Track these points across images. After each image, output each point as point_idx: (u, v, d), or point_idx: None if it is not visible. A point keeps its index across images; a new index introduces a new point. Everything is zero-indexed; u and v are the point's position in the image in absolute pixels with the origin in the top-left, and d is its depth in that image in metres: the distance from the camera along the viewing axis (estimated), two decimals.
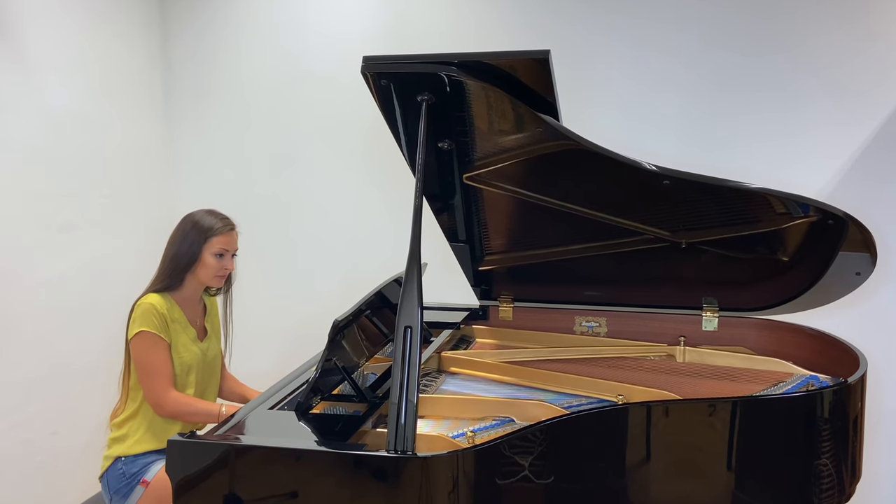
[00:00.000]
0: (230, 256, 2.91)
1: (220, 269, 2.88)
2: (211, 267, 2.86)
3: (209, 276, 2.87)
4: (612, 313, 3.02)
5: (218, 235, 2.86)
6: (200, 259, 2.85)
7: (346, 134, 4.19)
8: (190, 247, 2.85)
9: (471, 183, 2.60)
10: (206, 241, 2.84)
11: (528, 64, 2.18)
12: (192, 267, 2.87)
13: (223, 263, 2.88)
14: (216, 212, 2.94)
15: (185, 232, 2.88)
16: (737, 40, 3.64)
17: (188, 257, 2.85)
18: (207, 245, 2.84)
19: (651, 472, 2.07)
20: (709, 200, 2.46)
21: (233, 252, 2.93)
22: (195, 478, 1.89)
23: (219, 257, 2.87)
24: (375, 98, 2.34)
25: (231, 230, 2.91)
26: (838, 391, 2.16)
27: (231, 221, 2.94)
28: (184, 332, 2.87)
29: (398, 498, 1.80)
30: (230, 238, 2.90)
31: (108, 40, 4.02)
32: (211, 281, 2.90)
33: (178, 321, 2.86)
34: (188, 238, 2.86)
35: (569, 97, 2.71)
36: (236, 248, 2.95)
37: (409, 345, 1.89)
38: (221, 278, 2.92)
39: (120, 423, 2.87)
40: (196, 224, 2.88)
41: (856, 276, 2.50)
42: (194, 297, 2.96)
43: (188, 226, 2.88)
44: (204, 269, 2.86)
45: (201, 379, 2.94)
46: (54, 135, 3.69)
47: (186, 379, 2.87)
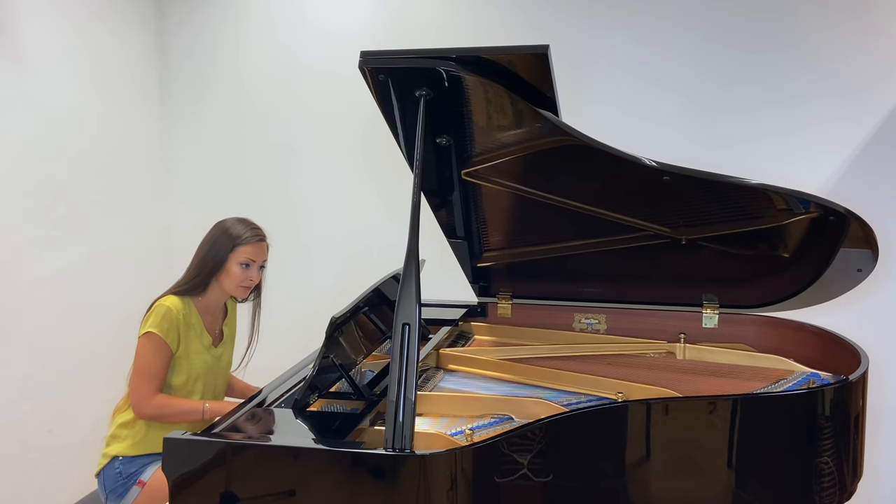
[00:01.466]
0: (257, 268, 2.87)
1: (244, 279, 2.84)
2: (235, 276, 2.82)
3: (233, 285, 2.84)
4: (612, 310, 3.00)
5: (245, 245, 2.82)
6: (225, 267, 2.82)
7: (344, 130, 4.19)
8: (217, 253, 2.82)
9: (469, 179, 2.59)
10: (233, 249, 2.81)
11: (527, 59, 2.17)
12: (218, 274, 2.83)
13: (248, 274, 2.84)
14: (248, 221, 2.91)
15: (214, 237, 2.85)
16: (738, 36, 3.63)
17: (214, 263, 2.82)
18: (234, 253, 2.81)
19: (651, 471, 2.06)
20: (709, 196, 2.45)
21: (260, 263, 2.88)
22: (192, 476, 1.88)
23: (244, 267, 2.82)
24: (373, 93, 2.32)
25: (260, 241, 2.87)
26: (839, 389, 2.15)
27: (262, 232, 2.90)
28: (198, 338, 2.84)
29: (396, 496, 1.78)
30: (258, 249, 2.86)
31: (103, 36, 4.01)
32: (235, 291, 2.86)
33: (195, 327, 2.83)
34: (217, 244, 2.83)
35: (568, 93, 2.70)
36: (265, 259, 2.91)
37: (407, 342, 1.88)
38: (246, 289, 2.88)
39: (124, 424, 2.84)
40: (226, 231, 2.84)
41: (857, 272, 2.49)
42: (216, 305, 2.94)
43: (219, 231, 2.86)
44: (228, 277, 2.83)
45: (210, 386, 2.92)
46: (49, 131, 3.68)
47: (193, 386, 2.85)
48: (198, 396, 2.86)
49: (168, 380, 2.80)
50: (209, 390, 2.92)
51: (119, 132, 4.12)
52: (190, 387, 2.84)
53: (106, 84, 4.03)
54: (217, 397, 2.99)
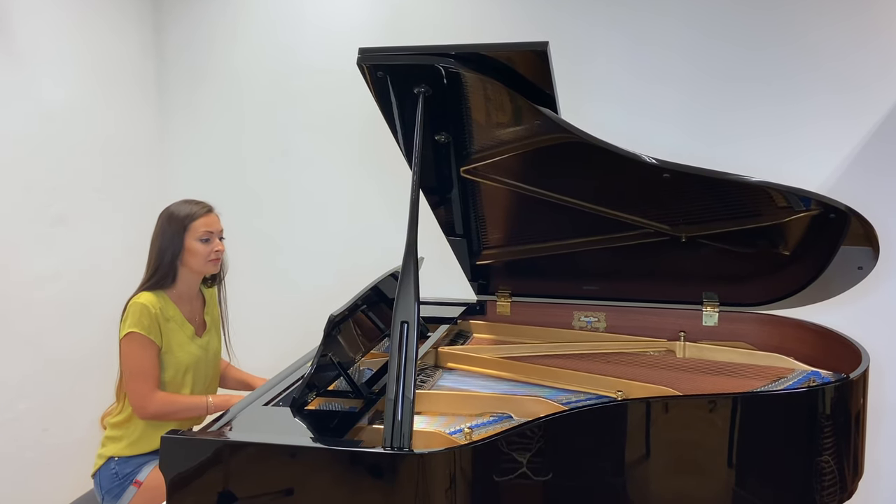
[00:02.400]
0: (217, 238, 2.86)
1: (209, 252, 2.82)
2: (200, 253, 2.80)
3: (201, 262, 2.82)
4: (611, 308, 2.99)
5: (198, 219, 2.81)
6: (186, 248, 2.79)
7: (342, 126, 4.18)
8: (171, 240, 2.79)
9: (468, 176, 2.58)
10: (186, 229, 2.79)
11: (527, 56, 2.16)
12: (180, 258, 2.81)
13: (212, 246, 2.83)
14: (190, 199, 2.88)
15: (162, 227, 2.82)
16: (738, 34, 3.63)
17: (172, 250, 2.79)
18: (189, 232, 2.79)
19: (650, 469, 2.06)
20: (709, 194, 2.44)
21: (218, 234, 2.87)
22: (189, 475, 1.87)
23: (205, 242, 2.81)
24: (372, 90, 2.32)
25: (209, 212, 2.86)
26: (840, 387, 2.14)
27: (207, 204, 2.88)
28: (180, 330, 2.82)
29: (395, 495, 1.78)
30: (210, 219, 2.84)
31: (100, 32, 4.00)
32: (205, 267, 2.84)
33: (174, 319, 2.81)
34: (167, 232, 2.80)
35: (568, 90, 2.70)
36: (220, 228, 2.89)
37: (406, 340, 1.87)
38: (215, 262, 2.87)
39: (117, 424, 2.83)
40: (171, 216, 2.82)
41: (858, 270, 2.48)
42: (191, 292, 2.91)
43: (164, 220, 2.83)
44: (193, 257, 2.80)
45: (200, 377, 2.90)
46: (46, 127, 3.67)
47: (183, 379, 2.83)
48: (188, 389, 2.84)
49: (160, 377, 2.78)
50: (199, 382, 2.90)
51: (116, 129, 4.11)
52: (179, 380, 2.82)
53: (103, 80, 4.02)
54: (209, 388, 2.98)
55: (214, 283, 3.04)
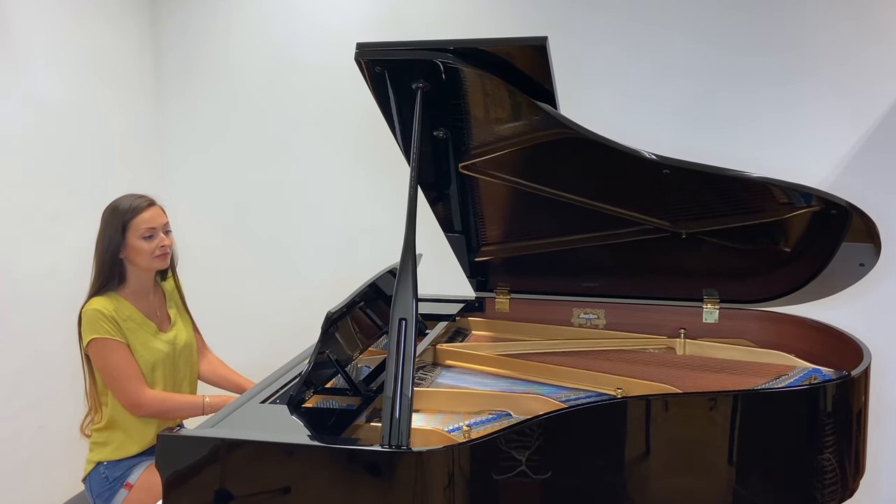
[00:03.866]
0: (161, 233, 2.77)
1: (154, 248, 2.74)
2: (144, 251, 2.72)
3: (147, 260, 2.74)
4: (611, 305, 2.99)
5: (138, 215, 2.72)
6: (129, 246, 2.72)
7: (340, 122, 4.17)
8: (112, 238, 2.71)
9: (466, 172, 2.56)
10: (127, 228, 2.70)
11: (526, 51, 2.15)
12: (126, 256, 2.74)
13: (156, 242, 2.74)
14: (133, 193, 2.80)
15: (105, 224, 2.75)
16: (738, 29, 3.62)
17: (115, 247, 2.71)
18: (131, 229, 2.71)
19: (650, 468, 2.05)
20: (709, 190, 2.43)
21: (163, 228, 2.78)
22: (185, 473, 1.86)
23: (148, 239, 2.73)
24: (369, 86, 2.31)
25: (150, 205, 2.76)
26: (841, 385, 2.14)
27: (150, 198, 2.79)
28: (141, 328, 2.77)
29: (393, 493, 1.77)
30: (152, 213, 2.75)
31: (97, 28, 3.98)
32: (152, 263, 2.76)
33: (132, 318, 2.75)
34: (108, 230, 2.72)
35: (567, 85, 2.68)
36: (165, 221, 2.80)
37: (404, 337, 1.86)
38: (163, 258, 2.78)
39: (100, 430, 2.81)
40: (113, 212, 2.74)
41: (859, 267, 2.47)
42: (145, 288, 2.84)
43: (106, 216, 2.76)
44: (138, 255, 2.73)
45: (172, 373, 2.85)
46: (42, 123, 3.66)
47: (152, 377, 2.77)
48: (160, 387, 2.79)
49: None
50: (171, 377, 2.85)
51: (113, 125, 4.10)
52: (149, 378, 2.76)
53: (99, 76, 4.01)
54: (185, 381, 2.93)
55: (167, 277, 2.96)
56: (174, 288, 2.99)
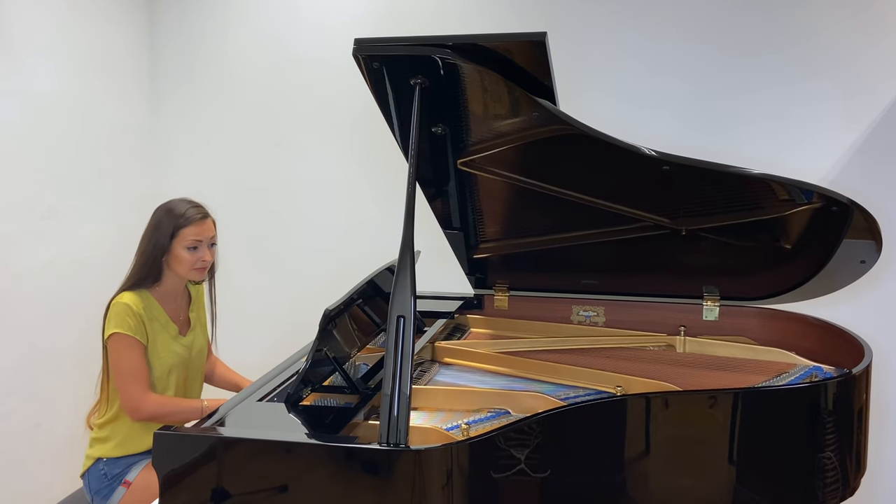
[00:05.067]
0: (206, 247, 2.78)
1: (195, 261, 2.76)
2: (185, 261, 2.74)
3: (185, 270, 2.76)
4: (611, 302, 2.98)
5: (188, 226, 2.73)
6: (172, 252, 2.73)
7: (338, 119, 4.16)
8: (159, 239, 2.73)
9: (465, 169, 2.55)
10: (175, 234, 2.72)
11: (525, 46, 2.14)
12: (167, 260, 2.76)
13: (198, 255, 2.76)
14: (188, 199, 2.81)
15: (157, 222, 2.76)
16: (738, 24, 3.61)
17: (159, 250, 2.73)
18: (178, 237, 2.72)
19: (650, 466, 2.04)
20: (710, 186, 2.42)
21: (209, 242, 2.79)
22: (182, 471, 1.85)
23: (192, 250, 2.74)
24: (367, 82, 2.29)
25: (203, 218, 2.78)
26: (842, 382, 2.13)
27: (204, 209, 2.81)
28: (164, 330, 2.78)
29: (391, 492, 1.76)
30: (201, 227, 2.76)
31: (92, 22, 3.97)
32: (189, 275, 2.78)
33: (158, 319, 2.77)
34: (160, 228, 2.74)
35: (566, 81, 2.67)
36: (211, 235, 2.81)
37: (402, 335, 1.86)
38: (201, 271, 2.80)
39: (102, 425, 2.81)
40: (167, 214, 2.76)
41: (860, 264, 2.46)
42: (176, 291, 2.86)
43: (161, 215, 2.77)
44: (178, 263, 2.75)
45: (185, 378, 2.87)
46: (37, 119, 3.65)
47: (167, 380, 2.79)
48: (172, 390, 2.81)
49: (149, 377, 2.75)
50: (182, 382, 2.86)
51: (108, 120, 4.08)
52: (164, 382, 2.78)
53: (95, 71, 4.00)
54: (193, 387, 2.94)
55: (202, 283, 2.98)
56: (201, 293, 3.01)
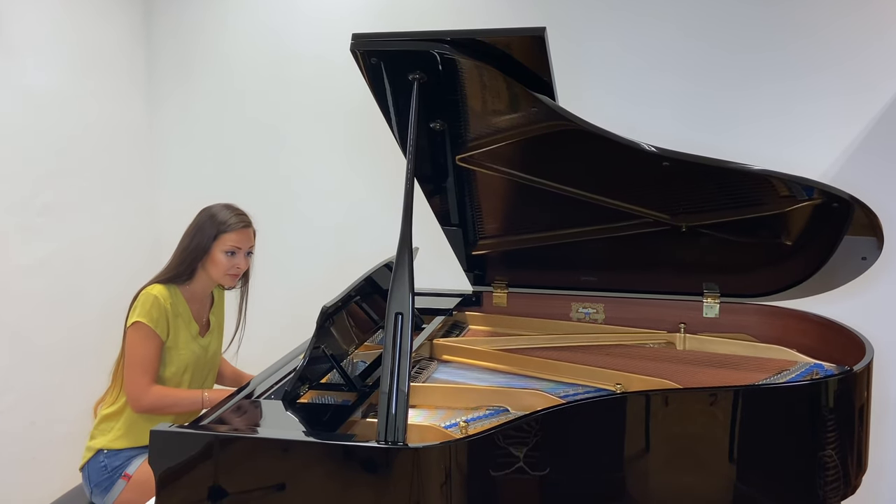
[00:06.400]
0: (243, 255, 2.85)
1: (231, 267, 2.82)
2: (221, 265, 2.80)
3: (220, 273, 2.82)
4: (610, 299, 2.97)
5: (230, 232, 2.80)
6: (210, 255, 2.80)
7: (335, 114, 4.15)
8: (201, 241, 2.80)
9: (464, 165, 2.55)
10: (217, 237, 2.79)
11: (524, 42, 2.14)
12: (203, 262, 2.82)
13: (234, 262, 2.82)
14: (234, 207, 2.89)
15: (199, 224, 2.83)
16: (739, 18, 3.59)
17: (199, 251, 2.80)
18: (219, 241, 2.79)
19: (650, 464, 2.04)
20: (710, 183, 2.41)
21: (246, 250, 2.86)
22: (179, 469, 1.84)
23: (230, 255, 2.81)
24: (365, 77, 2.29)
25: (245, 227, 2.85)
26: (843, 380, 2.12)
27: (247, 218, 2.88)
28: (186, 328, 2.83)
29: (389, 490, 1.75)
30: (243, 236, 2.84)
31: (88, 17, 3.95)
32: (222, 279, 2.85)
33: (182, 316, 2.82)
34: (201, 231, 2.81)
35: (566, 78, 2.66)
36: (251, 245, 2.89)
37: (400, 332, 1.85)
38: (234, 277, 2.87)
39: (108, 416, 2.83)
40: (212, 217, 2.83)
41: (861, 260, 2.45)
42: (204, 293, 2.92)
43: (204, 218, 2.84)
44: (214, 266, 2.81)
45: (198, 377, 2.90)
46: (31, 114, 3.63)
47: (181, 378, 2.83)
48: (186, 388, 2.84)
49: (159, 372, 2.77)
50: (197, 381, 2.90)
51: (104, 116, 4.07)
52: (178, 378, 2.82)
53: (91, 66, 3.98)
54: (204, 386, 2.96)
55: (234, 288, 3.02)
56: (222, 298, 3.07)
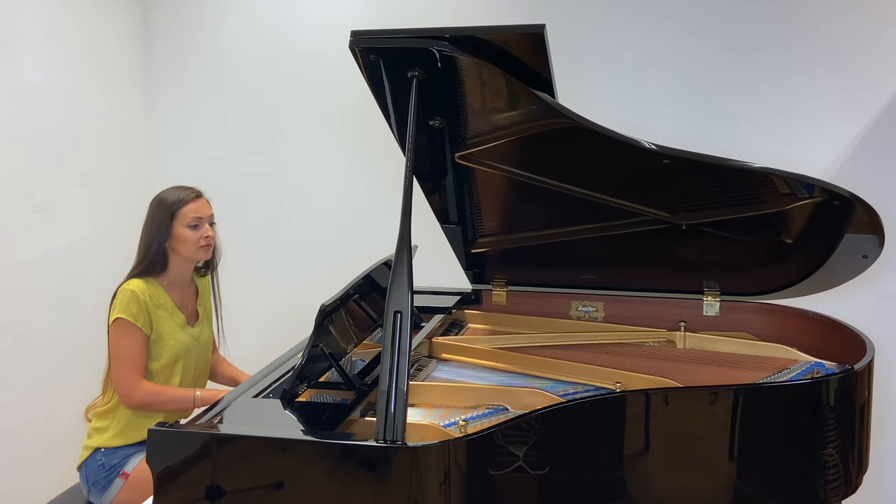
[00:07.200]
0: (207, 224, 2.84)
1: (199, 238, 2.81)
2: (189, 240, 2.79)
3: (191, 249, 2.80)
4: (610, 297, 2.96)
5: (186, 205, 2.79)
6: (175, 235, 2.78)
7: (334, 111, 4.14)
8: (160, 227, 2.78)
9: (463, 162, 2.55)
10: (175, 216, 2.78)
11: (523, 39, 2.13)
12: (171, 245, 2.80)
13: (201, 233, 2.81)
14: (180, 185, 2.87)
15: (153, 211, 2.82)
16: (740, 17, 3.58)
17: (162, 235, 2.78)
18: (178, 218, 2.78)
19: (650, 463, 2.03)
20: (710, 180, 2.41)
21: (208, 219, 2.85)
22: (177, 469, 1.83)
23: (194, 228, 2.79)
24: (364, 75, 2.29)
25: (198, 197, 2.84)
26: (844, 378, 2.12)
27: (197, 190, 2.87)
28: (171, 318, 2.81)
29: (388, 489, 1.75)
30: (199, 205, 2.83)
31: (85, 13, 3.93)
32: (196, 254, 2.83)
33: (164, 307, 2.80)
34: (156, 219, 2.80)
35: (566, 76, 2.65)
36: (210, 213, 2.87)
37: (399, 330, 1.84)
38: (207, 248, 2.85)
39: (102, 414, 2.82)
40: (161, 202, 2.81)
41: (862, 258, 2.45)
42: (183, 280, 2.90)
43: (154, 207, 2.83)
44: (183, 244, 2.79)
45: (191, 367, 2.89)
46: (29, 111, 3.62)
47: (173, 368, 2.82)
48: (178, 379, 2.83)
49: (147, 365, 2.76)
50: (189, 372, 2.88)
51: (102, 113, 4.05)
52: (169, 369, 2.81)
53: (89, 63, 3.96)
54: (199, 379, 2.97)
55: (208, 272, 3.03)
56: (207, 286, 3.05)
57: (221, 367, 3.15)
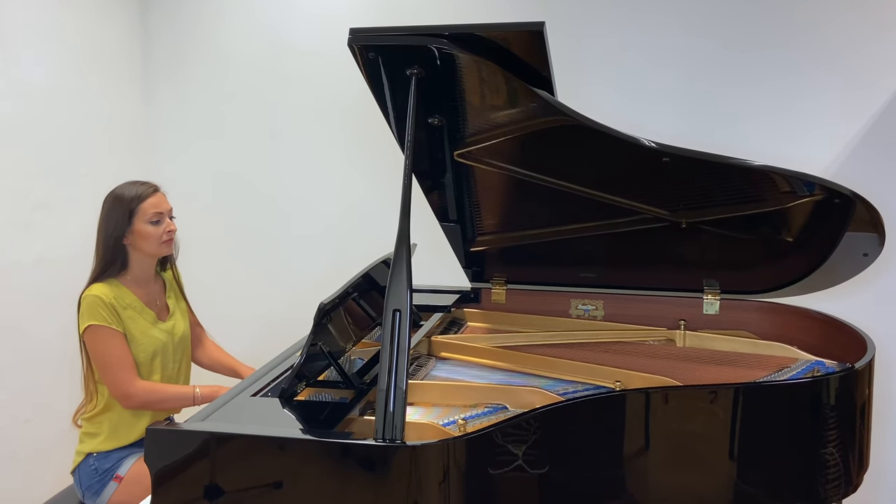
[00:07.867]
0: (167, 218, 2.80)
1: (161, 233, 2.77)
2: (152, 236, 2.75)
3: (154, 245, 2.77)
4: (610, 296, 2.96)
5: (145, 200, 2.75)
6: (136, 231, 2.74)
7: (333, 109, 4.14)
8: (117, 224, 2.74)
9: (462, 160, 2.54)
10: (134, 212, 2.73)
11: (522, 36, 2.12)
12: (131, 243, 2.76)
13: (164, 227, 2.78)
14: (134, 180, 2.83)
15: (109, 209, 2.77)
16: (740, 15, 3.58)
17: (119, 233, 2.74)
18: (138, 215, 2.74)
19: (650, 462, 2.03)
20: (710, 178, 2.40)
21: (168, 213, 2.81)
22: (175, 468, 1.83)
23: (155, 224, 2.76)
24: (363, 72, 2.28)
25: (156, 191, 2.81)
26: (845, 377, 2.12)
27: (153, 184, 2.83)
28: (140, 316, 2.78)
29: (386, 488, 1.74)
30: (158, 199, 2.79)
31: (84, 11, 3.93)
32: (159, 249, 2.80)
33: (132, 306, 2.77)
34: (114, 212, 2.75)
35: (565, 74, 2.65)
36: (169, 207, 2.84)
37: (398, 329, 1.84)
38: (169, 243, 2.82)
39: (91, 419, 2.81)
40: (118, 199, 2.77)
41: (863, 257, 2.44)
42: (147, 276, 2.86)
43: (109, 203, 2.78)
44: (145, 240, 2.75)
45: (170, 361, 2.87)
46: (27, 109, 3.61)
47: (151, 365, 2.80)
48: (158, 375, 2.81)
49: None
50: (168, 366, 2.86)
51: (101, 111, 4.05)
52: (148, 367, 2.79)
53: (87, 61, 3.96)
54: (181, 372, 2.94)
55: (168, 266, 2.99)
56: (173, 279, 3.01)
57: (217, 353, 3.12)
